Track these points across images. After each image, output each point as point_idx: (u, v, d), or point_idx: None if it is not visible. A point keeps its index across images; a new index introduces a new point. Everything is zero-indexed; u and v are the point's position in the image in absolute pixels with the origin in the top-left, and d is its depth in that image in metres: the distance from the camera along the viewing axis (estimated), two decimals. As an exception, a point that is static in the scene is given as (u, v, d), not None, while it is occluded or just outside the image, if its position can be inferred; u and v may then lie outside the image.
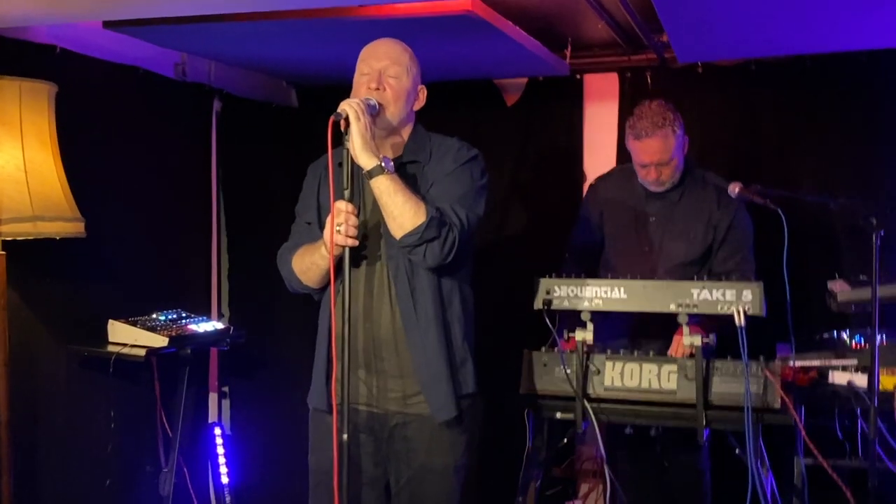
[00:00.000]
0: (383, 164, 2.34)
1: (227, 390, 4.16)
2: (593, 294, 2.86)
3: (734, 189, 3.07)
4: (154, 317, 3.41)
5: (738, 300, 2.72)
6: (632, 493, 3.35)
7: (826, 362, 2.99)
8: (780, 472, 2.92)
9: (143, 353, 3.18)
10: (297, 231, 2.69)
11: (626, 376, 2.84)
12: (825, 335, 3.20)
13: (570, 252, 3.54)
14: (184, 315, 3.52)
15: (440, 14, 2.94)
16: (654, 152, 3.23)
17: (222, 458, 3.98)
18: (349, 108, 2.32)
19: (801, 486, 2.89)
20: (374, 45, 2.55)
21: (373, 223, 2.51)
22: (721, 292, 2.75)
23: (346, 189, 2.37)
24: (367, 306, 2.51)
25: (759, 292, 2.72)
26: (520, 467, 3.03)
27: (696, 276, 3.08)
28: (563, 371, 2.84)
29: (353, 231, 2.37)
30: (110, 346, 3.25)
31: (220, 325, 3.62)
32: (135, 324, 3.28)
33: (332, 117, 2.30)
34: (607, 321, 3.09)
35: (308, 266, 2.55)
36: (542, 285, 2.90)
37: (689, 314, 2.77)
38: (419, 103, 2.58)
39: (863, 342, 3.05)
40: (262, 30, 3.20)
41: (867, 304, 2.74)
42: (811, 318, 3.26)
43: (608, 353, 2.87)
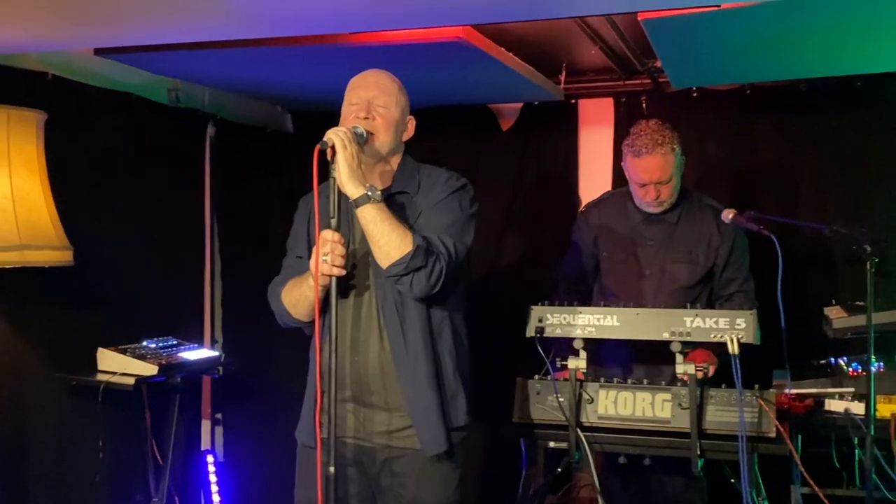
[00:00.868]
0: (370, 193, 2.32)
1: (220, 417, 4.13)
2: (586, 322, 2.83)
3: (727, 216, 3.08)
4: (144, 344, 3.39)
5: (731, 328, 2.70)
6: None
7: (822, 390, 2.97)
8: (776, 502, 2.89)
9: (133, 381, 3.16)
10: (289, 265, 2.65)
11: (619, 405, 2.81)
12: (822, 362, 3.18)
13: (561, 279, 3.50)
14: (174, 343, 3.49)
15: (432, 41, 2.93)
16: (654, 170, 3.18)
17: (215, 486, 3.95)
18: (335, 136, 2.31)
19: (798, 516, 2.87)
20: (363, 76, 2.53)
21: (361, 253, 2.48)
22: (714, 320, 2.72)
23: (333, 218, 2.34)
24: (355, 338, 2.47)
25: (753, 320, 2.70)
26: (517, 495, 2.98)
27: (699, 298, 3.06)
28: (556, 399, 2.81)
29: (339, 260, 2.34)
30: (99, 375, 3.22)
31: (212, 353, 3.60)
32: (124, 352, 3.26)
33: (318, 146, 2.28)
34: (611, 347, 3.06)
35: (297, 298, 2.52)
36: (534, 313, 2.88)
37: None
38: (408, 133, 2.57)
39: (860, 369, 3.03)
40: (256, 56, 3.19)
41: (863, 330, 2.72)
42: (808, 345, 3.22)
43: (602, 381, 2.85)
